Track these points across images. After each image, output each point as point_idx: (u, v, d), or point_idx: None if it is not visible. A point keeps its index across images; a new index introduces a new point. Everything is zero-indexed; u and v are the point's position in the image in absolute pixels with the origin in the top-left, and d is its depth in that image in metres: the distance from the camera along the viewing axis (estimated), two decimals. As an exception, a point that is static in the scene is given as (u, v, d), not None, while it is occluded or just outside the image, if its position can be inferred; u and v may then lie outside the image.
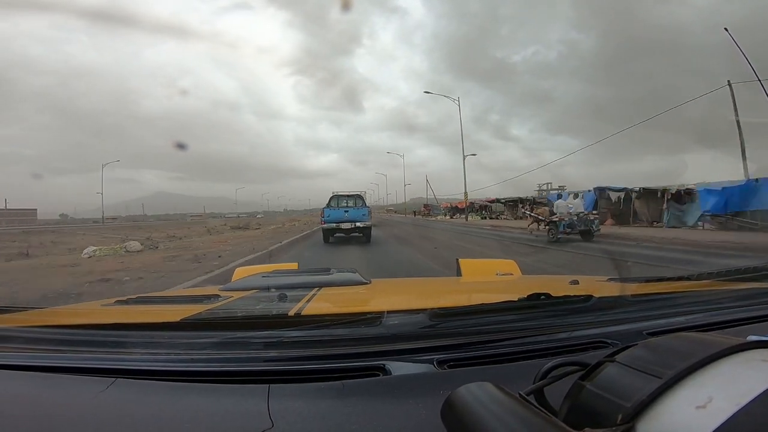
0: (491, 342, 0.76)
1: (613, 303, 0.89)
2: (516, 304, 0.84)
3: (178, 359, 0.72)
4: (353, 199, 14.64)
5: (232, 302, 1.12)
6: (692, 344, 0.44)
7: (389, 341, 0.74)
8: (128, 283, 5.75)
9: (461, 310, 0.85)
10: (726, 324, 0.86)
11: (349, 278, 1.51)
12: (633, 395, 0.39)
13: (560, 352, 0.73)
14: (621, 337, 0.76)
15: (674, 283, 1.19)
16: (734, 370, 0.38)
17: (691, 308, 0.93)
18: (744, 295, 0.99)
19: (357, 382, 0.65)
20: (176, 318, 0.84)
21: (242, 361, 0.71)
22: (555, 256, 8.46)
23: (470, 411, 0.41)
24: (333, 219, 13.30)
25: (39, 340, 0.79)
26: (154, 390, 0.64)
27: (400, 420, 0.56)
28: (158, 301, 1.28)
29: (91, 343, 0.76)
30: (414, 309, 0.89)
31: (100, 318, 1.02)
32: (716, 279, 1.16)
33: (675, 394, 0.38)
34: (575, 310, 0.85)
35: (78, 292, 5.11)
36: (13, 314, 1.00)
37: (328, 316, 0.93)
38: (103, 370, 0.68)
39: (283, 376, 0.68)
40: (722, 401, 0.35)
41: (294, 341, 0.74)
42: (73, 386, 0.65)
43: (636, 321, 0.85)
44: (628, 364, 0.44)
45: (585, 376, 0.46)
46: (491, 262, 2.01)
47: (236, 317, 0.91)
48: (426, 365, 0.70)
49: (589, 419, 0.41)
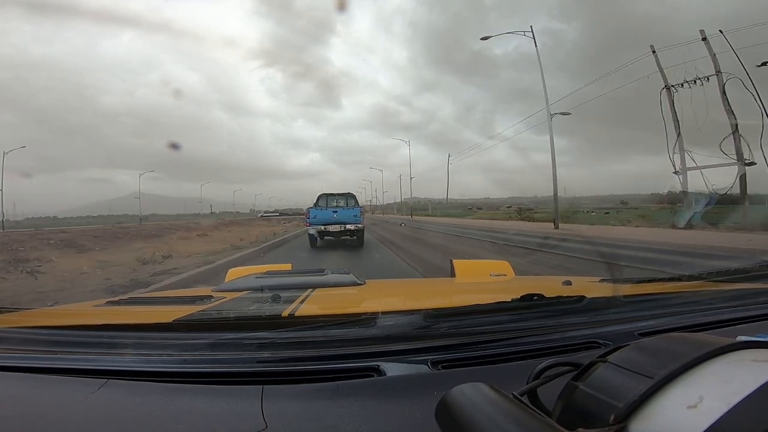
0: (485, 342, 0.76)
1: (605, 303, 0.90)
2: (509, 304, 0.85)
3: (170, 360, 0.71)
4: (344, 199, 13.26)
5: (225, 303, 1.11)
6: (683, 344, 0.44)
7: (383, 342, 0.74)
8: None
9: (455, 310, 0.85)
10: (716, 324, 0.87)
11: (343, 279, 1.51)
12: (625, 395, 0.39)
13: (553, 352, 0.73)
14: (613, 338, 0.77)
15: (666, 283, 1.20)
16: (725, 370, 0.39)
17: (682, 309, 0.94)
18: (734, 295, 1.01)
19: (351, 383, 0.65)
20: (169, 319, 0.83)
21: (235, 362, 0.71)
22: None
23: (464, 411, 0.41)
24: (320, 221, 11.89)
25: (30, 341, 0.78)
26: (147, 391, 0.63)
27: (394, 421, 0.56)
28: (150, 302, 1.27)
29: (83, 344, 0.75)
30: (408, 310, 0.89)
31: (92, 319, 1.01)
32: (707, 280, 1.17)
33: (667, 394, 0.38)
34: (568, 310, 0.85)
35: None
36: (4, 315, 0.99)
37: (322, 316, 0.93)
38: (95, 371, 0.67)
39: (277, 377, 0.67)
40: (713, 401, 0.35)
41: (288, 342, 0.74)
42: (64, 387, 0.65)
43: (628, 321, 0.86)
44: (620, 365, 0.44)
45: (578, 377, 0.47)
46: (485, 263, 2.02)
47: (229, 318, 0.90)
48: (420, 366, 0.70)
49: (582, 419, 0.41)
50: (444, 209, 53.64)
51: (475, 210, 58.52)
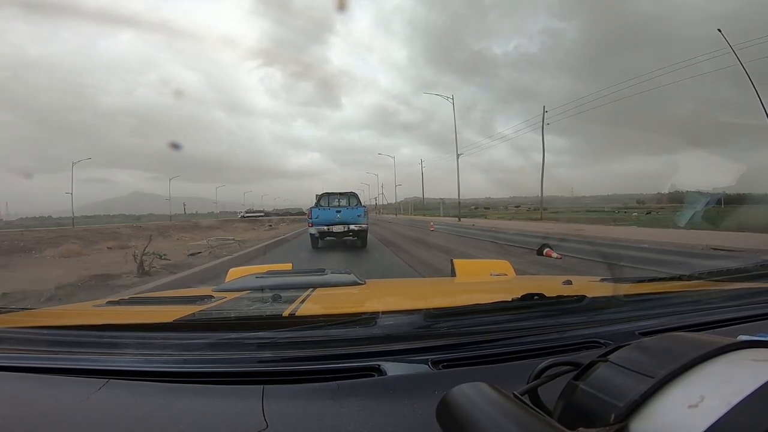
0: (486, 342, 0.76)
1: (605, 303, 0.90)
2: (510, 304, 0.85)
3: (171, 360, 0.71)
4: (346, 198, 12.82)
5: (225, 303, 1.11)
6: (684, 344, 0.44)
7: (384, 342, 0.74)
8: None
9: (456, 310, 0.85)
10: (717, 324, 0.87)
11: (343, 279, 1.51)
12: (626, 395, 0.39)
13: (554, 352, 0.73)
14: (614, 337, 0.77)
15: (666, 283, 1.20)
16: (725, 370, 0.39)
17: (682, 308, 0.94)
18: (734, 295, 1.01)
19: (352, 383, 0.65)
20: (169, 319, 0.83)
21: (236, 361, 0.71)
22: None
23: (465, 411, 0.41)
24: (322, 221, 11.59)
25: (30, 341, 0.78)
26: (148, 391, 0.63)
27: (395, 420, 0.56)
28: (151, 302, 1.27)
29: (83, 344, 0.75)
30: (409, 309, 0.89)
31: (92, 319, 1.01)
32: (707, 279, 1.17)
33: (667, 394, 0.38)
34: (569, 310, 0.85)
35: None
36: (4, 315, 0.99)
37: (322, 316, 0.93)
38: (96, 371, 0.67)
39: (278, 376, 0.67)
40: (714, 400, 0.35)
41: (288, 342, 0.74)
42: (64, 387, 0.65)
43: (628, 321, 0.86)
44: (620, 364, 0.44)
45: (578, 376, 0.47)
46: (485, 263, 2.02)
47: (230, 318, 0.90)
48: (421, 365, 0.70)
49: (582, 419, 0.41)
50: (446, 209, 53.16)
51: (482, 210, 58.21)
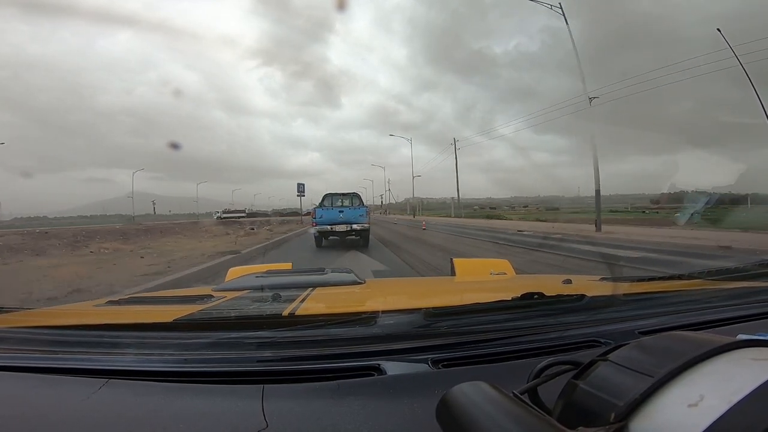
0: (485, 341, 0.76)
1: (605, 302, 0.90)
2: (510, 303, 0.85)
3: (171, 360, 0.71)
4: (349, 198, 13.22)
5: (225, 302, 1.11)
6: (684, 343, 0.44)
7: (384, 341, 0.74)
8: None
9: (455, 309, 0.85)
10: (716, 323, 0.87)
11: (343, 278, 1.51)
12: (626, 394, 0.39)
13: (553, 351, 0.73)
14: (613, 336, 0.77)
15: (665, 282, 1.20)
16: (725, 369, 0.39)
17: (682, 307, 0.94)
18: (734, 294, 1.01)
19: (352, 382, 0.65)
20: (169, 318, 0.83)
21: (236, 361, 0.71)
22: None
23: (465, 410, 0.41)
24: (326, 220, 11.91)
25: (30, 340, 0.78)
26: (147, 391, 0.63)
27: (395, 420, 0.56)
28: (150, 302, 1.27)
29: (83, 344, 0.75)
30: (408, 308, 0.89)
31: (92, 319, 1.01)
32: (707, 278, 1.17)
33: (667, 393, 0.38)
34: (568, 309, 0.85)
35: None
36: (4, 315, 0.99)
37: (322, 316, 0.93)
38: (95, 371, 0.67)
39: (278, 376, 0.67)
40: (714, 399, 0.35)
41: (288, 341, 0.74)
42: (64, 387, 0.65)
43: (628, 320, 0.86)
44: (620, 363, 0.44)
45: (578, 375, 0.47)
46: (485, 262, 2.02)
47: (230, 317, 0.90)
48: (421, 365, 0.70)
49: (582, 418, 0.41)
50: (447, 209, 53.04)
51: (487, 210, 57.97)
